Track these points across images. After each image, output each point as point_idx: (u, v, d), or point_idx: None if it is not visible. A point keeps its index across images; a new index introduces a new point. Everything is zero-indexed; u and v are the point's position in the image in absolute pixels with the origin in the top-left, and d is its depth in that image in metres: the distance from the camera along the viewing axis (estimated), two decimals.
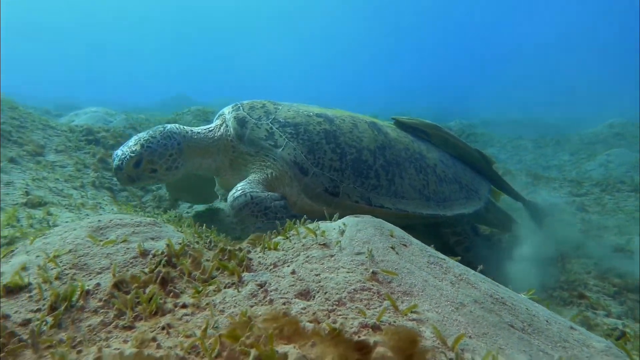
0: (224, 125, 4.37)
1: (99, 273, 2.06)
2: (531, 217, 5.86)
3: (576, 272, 4.78)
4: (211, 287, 1.94)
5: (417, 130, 5.32)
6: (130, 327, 1.63)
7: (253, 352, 1.24)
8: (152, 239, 2.54)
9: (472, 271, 2.49)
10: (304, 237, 2.43)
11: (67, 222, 4.08)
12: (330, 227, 2.57)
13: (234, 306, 1.76)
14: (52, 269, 2.00)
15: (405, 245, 2.47)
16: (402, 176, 4.43)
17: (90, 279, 2.01)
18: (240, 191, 3.77)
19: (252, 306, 1.76)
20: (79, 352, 1.43)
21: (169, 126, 4.14)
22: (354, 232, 2.48)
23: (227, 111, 4.44)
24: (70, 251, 2.20)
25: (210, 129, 4.41)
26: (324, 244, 2.33)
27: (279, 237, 2.57)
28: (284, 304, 1.76)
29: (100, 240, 2.36)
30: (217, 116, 4.67)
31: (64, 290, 1.75)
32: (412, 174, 4.53)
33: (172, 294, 1.89)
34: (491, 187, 5.75)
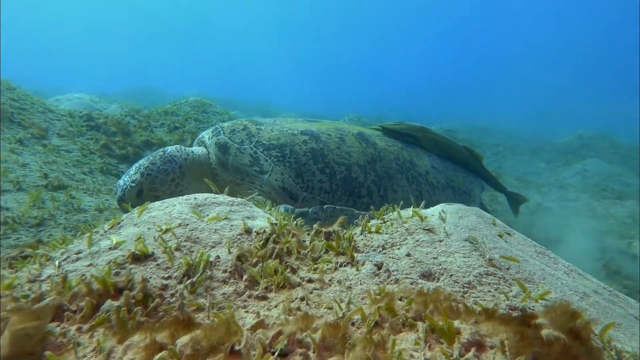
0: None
1: (213, 247, 2.09)
2: (510, 205, 6.05)
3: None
4: (327, 265, 1.93)
5: (405, 135, 5.16)
6: (264, 297, 1.64)
7: (421, 325, 1.21)
8: (249, 217, 2.56)
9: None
10: (405, 222, 2.38)
11: (90, 205, 4.29)
12: (429, 213, 2.52)
13: (360, 283, 1.74)
14: (170, 241, 2.04)
15: (509, 234, 2.39)
16: (394, 190, 4.23)
17: (207, 252, 2.04)
18: None
19: (378, 284, 1.73)
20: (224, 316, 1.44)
21: (169, 149, 3.92)
22: (456, 218, 2.42)
23: (208, 136, 4.20)
24: (180, 225, 2.24)
25: (205, 151, 4.15)
26: (428, 229, 2.28)
27: (376, 221, 2.54)
28: (411, 283, 1.72)
29: (205, 216, 2.40)
30: (196, 141, 4.43)
31: (194, 261, 1.77)
32: (404, 186, 4.35)
33: (289, 269, 1.89)
34: (483, 184, 5.74)
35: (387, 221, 2.49)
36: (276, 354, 1.09)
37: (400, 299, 1.48)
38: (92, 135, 6.25)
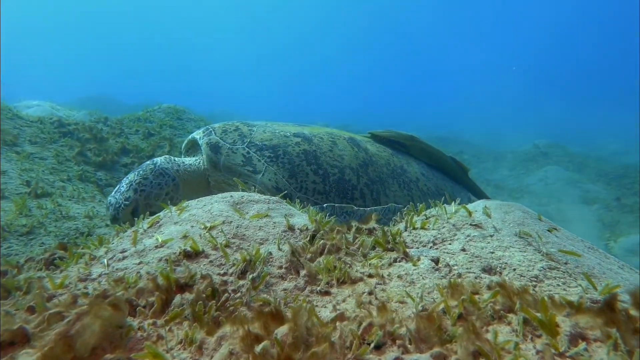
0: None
1: (261, 244, 2.05)
2: None
3: None
4: (382, 261, 1.89)
5: (394, 142, 5.16)
6: (327, 293, 1.59)
7: (515, 317, 1.17)
8: (287, 215, 2.53)
9: None
10: (450, 218, 2.35)
11: (78, 213, 4.21)
12: (472, 209, 2.48)
13: (422, 278, 1.69)
14: (219, 238, 2.00)
15: (556, 229, 2.35)
16: (386, 194, 4.21)
17: (249, 247, 2.00)
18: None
19: (441, 278, 1.69)
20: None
21: (158, 161, 3.77)
22: (501, 214, 2.39)
23: (199, 136, 4.08)
24: (224, 222, 2.20)
25: (198, 160, 4.05)
26: (476, 225, 2.24)
27: (417, 217, 2.50)
28: (475, 277, 1.68)
29: (245, 214, 2.36)
30: (185, 142, 4.35)
31: (252, 256, 1.73)
32: (396, 191, 4.32)
33: (345, 265, 1.84)
34: (470, 195, 5.72)
35: (429, 217, 2.44)
36: (372, 345, 1.05)
37: (476, 293, 1.44)
38: (65, 142, 6.04)
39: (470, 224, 2.25)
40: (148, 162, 3.81)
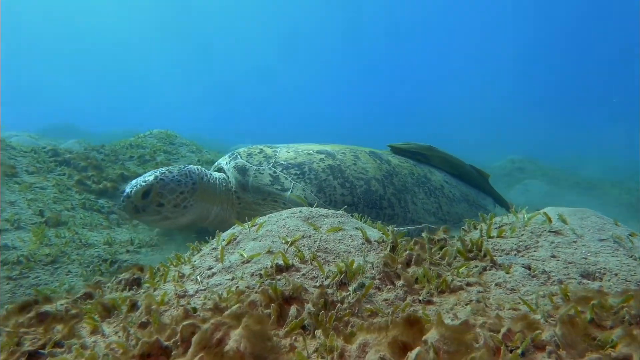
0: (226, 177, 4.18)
1: (344, 256, 2.07)
2: None
3: None
4: (472, 270, 1.88)
5: (414, 153, 5.22)
6: (429, 302, 1.60)
7: None
8: (357, 228, 2.55)
9: None
10: (526, 226, 2.32)
11: (97, 240, 4.16)
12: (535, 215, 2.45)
13: (522, 285, 1.68)
14: (305, 251, 2.03)
15: (635, 234, 2.30)
16: (414, 202, 4.25)
17: (335, 261, 2.02)
18: None
19: (541, 285, 1.67)
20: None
21: (190, 166, 4.01)
22: (577, 220, 2.36)
23: (225, 161, 4.25)
24: (303, 237, 2.24)
25: (223, 177, 4.19)
26: (555, 231, 2.21)
27: (482, 224, 2.49)
28: (578, 283, 1.66)
29: (319, 227, 2.39)
30: (213, 168, 4.47)
31: (349, 268, 1.75)
32: (423, 199, 4.38)
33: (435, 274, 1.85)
34: (494, 201, 5.74)
35: (502, 225, 2.43)
36: (519, 351, 1.05)
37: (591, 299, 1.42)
38: (62, 170, 6.01)
39: (549, 231, 2.23)
40: (180, 164, 4.08)
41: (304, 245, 2.10)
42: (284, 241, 2.20)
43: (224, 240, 2.40)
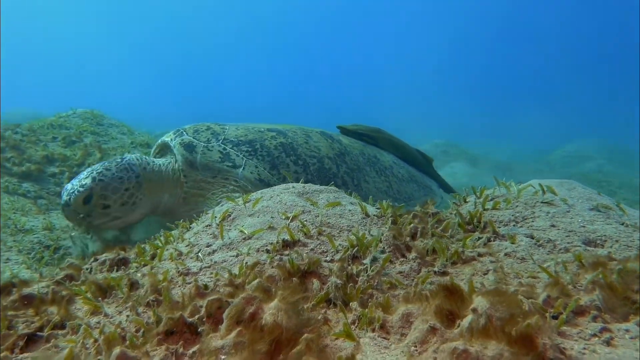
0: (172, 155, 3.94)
1: (348, 230, 2.04)
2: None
3: None
4: (478, 241, 1.90)
5: (362, 135, 5.35)
6: (445, 273, 1.60)
7: None
8: (352, 203, 2.53)
9: None
10: (519, 197, 2.38)
11: (34, 225, 3.81)
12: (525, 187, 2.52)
13: (531, 254, 1.71)
14: (311, 227, 1.98)
15: (619, 204, 2.41)
16: (367, 180, 4.34)
17: (340, 235, 1.99)
18: None
19: (549, 253, 1.72)
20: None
21: (127, 157, 3.67)
22: (565, 191, 2.44)
23: (170, 138, 3.98)
24: (303, 212, 2.19)
25: (169, 161, 3.92)
26: (548, 202, 2.27)
27: (471, 197, 2.55)
28: (584, 250, 1.71)
29: (316, 202, 2.35)
30: (155, 146, 4.24)
31: (363, 241, 1.72)
32: (374, 177, 4.48)
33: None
34: (438, 183, 6.00)
35: (494, 198, 2.47)
36: (564, 316, 1.06)
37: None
38: None
39: (542, 202, 2.29)
40: (117, 156, 3.71)
41: (306, 221, 2.04)
42: (284, 217, 2.14)
43: (216, 217, 2.30)
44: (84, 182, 3.32)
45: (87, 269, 2.24)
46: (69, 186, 3.37)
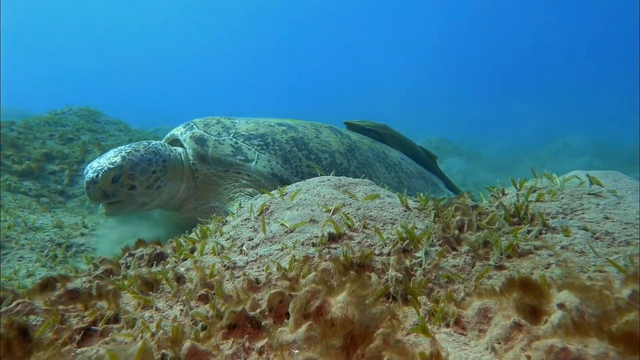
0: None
1: (392, 223, 1.99)
2: None
3: None
4: (529, 234, 1.84)
5: (369, 130, 5.29)
6: (501, 267, 1.55)
7: None
8: (389, 195, 2.48)
9: None
10: (564, 189, 2.30)
11: (44, 223, 3.83)
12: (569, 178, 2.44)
13: (591, 247, 1.65)
14: (356, 220, 1.94)
15: None
16: (377, 176, 4.25)
17: (384, 228, 1.95)
18: None
19: (609, 246, 1.65)
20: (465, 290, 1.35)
21: (154, 142, 3.67)
22: (611, 182, 2.35)
23: (179, 132, 3.93)
24: (344, 205, 2.14)
25: (184, 151, 3.89)
26: (595, 194, 2.19)
27: (510, 189, 2.48)
28: None
29: (354, 195, 2.30)
30: (164, 140, 4.15)
31: (412, 236, 1.68)
32: (384, 173, 4.39)
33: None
34: (443, 180, 5.90)
35: (537, 189, 2.40)
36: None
37: None
38: None
39: (589, 193, 2.21)
40: (140, 142, 3.67)
41: (349, 214, 2.00)
42: (325, 209, 2.10)
43: (254, 211, 2.28)
44: (113, 160, 3.29)
45: (122, 264, 2.23)
46: (94, 164, 3.34)
